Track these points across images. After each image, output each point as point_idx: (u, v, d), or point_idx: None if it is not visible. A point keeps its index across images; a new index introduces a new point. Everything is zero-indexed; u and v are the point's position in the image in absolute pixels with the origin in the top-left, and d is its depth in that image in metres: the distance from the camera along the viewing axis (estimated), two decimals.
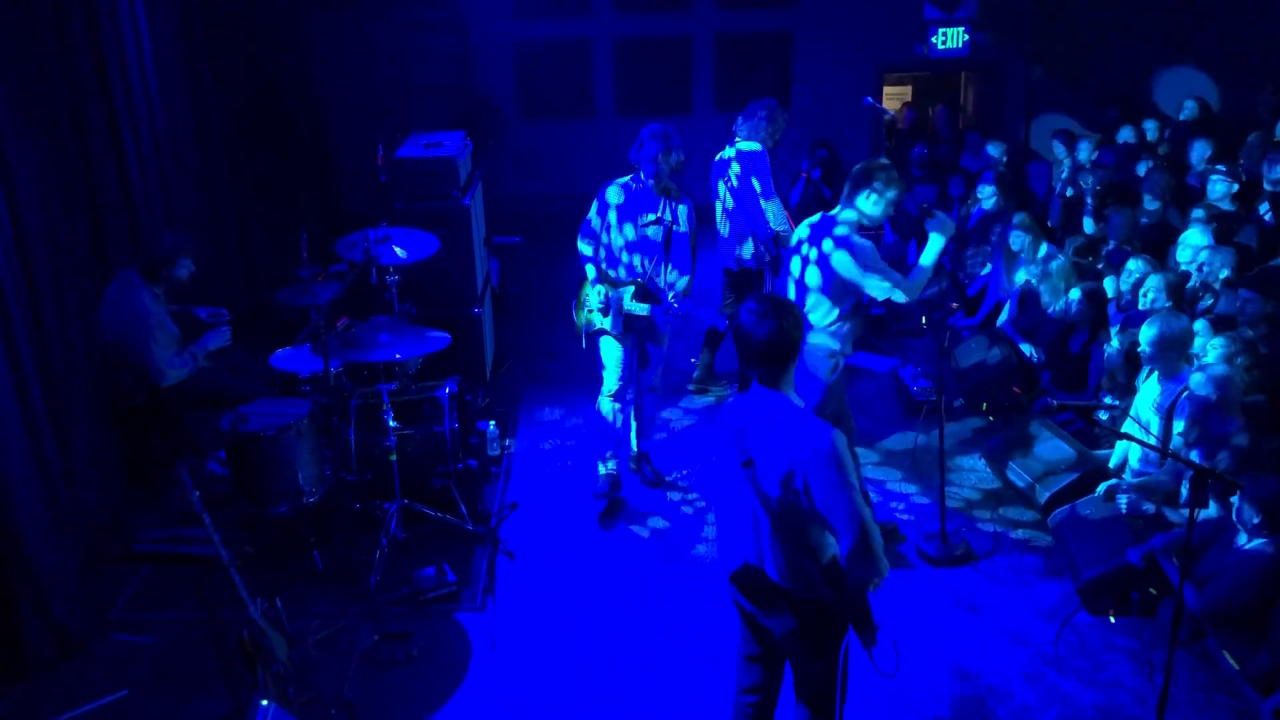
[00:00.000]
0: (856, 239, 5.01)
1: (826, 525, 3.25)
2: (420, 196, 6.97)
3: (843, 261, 4.99)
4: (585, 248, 5.72)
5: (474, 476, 6.06)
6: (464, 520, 5.65)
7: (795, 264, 5.25)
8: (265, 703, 3.73)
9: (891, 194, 5.05)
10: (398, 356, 5.36)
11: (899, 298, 5.05)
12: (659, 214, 5.57)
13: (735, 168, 6.80)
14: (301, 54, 10.14)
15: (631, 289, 5.59)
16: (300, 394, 5.86)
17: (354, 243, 5.78)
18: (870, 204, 5.04)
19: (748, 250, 6.90)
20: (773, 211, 6.77)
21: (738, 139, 6.84)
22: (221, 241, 7.85)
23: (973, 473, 6.31)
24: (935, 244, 5.18)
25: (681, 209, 5.62)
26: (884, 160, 5.14)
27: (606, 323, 5.66)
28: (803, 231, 5.23)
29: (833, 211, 5.17)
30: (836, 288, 5.07)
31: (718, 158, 6.94)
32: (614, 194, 5.64)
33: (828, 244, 5.05)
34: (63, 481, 5.09)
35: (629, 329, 5.70)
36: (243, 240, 8.27)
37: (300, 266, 5.51)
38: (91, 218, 5.93)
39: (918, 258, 5.33)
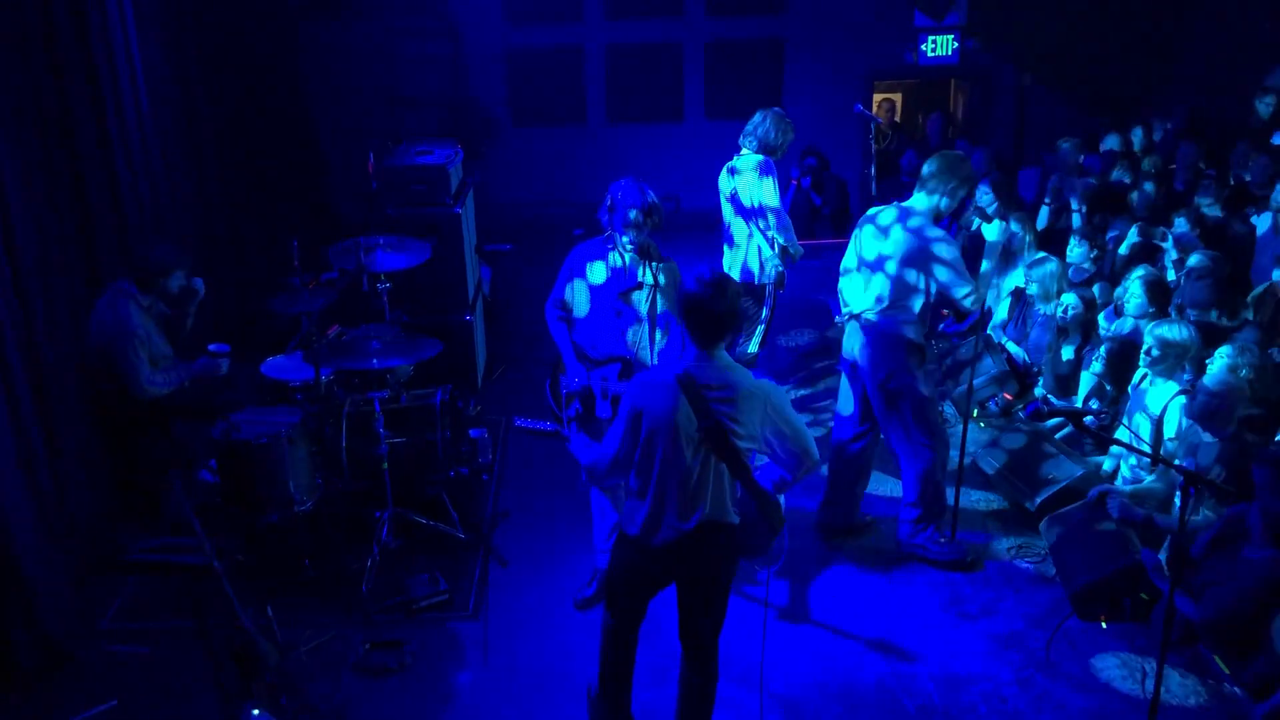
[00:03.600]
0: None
1: (790, 450, 3.68)
2: (412, 204, 6.97)
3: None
4: (558, 327, 5.10)
5: (466, 484, 6.05)
6: (456, 528, 5.65)
7: (869, 245, 5.15)
8: (257, 712, 3.73)
9: (963, 193, 5.08)
10: (389, 364, 5.36)
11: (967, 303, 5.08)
12: (640, 279, 4.99)
13: (741, 178, 6.62)
14: (293, 61, 10.14)
15: (619, 367, 5.07)
16: (292, 402, 5.85)
17: (345, 250, 5.76)
18: (946, 200, 5.05)
19: (754, 263, 6.74)
20: (778, 223, 6.64)
21: (744, 149, 6.69)
22: (212, 249, 7.83)
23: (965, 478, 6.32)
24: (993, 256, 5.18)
25: (666, 269, 5.03)
26: (964, 157, 5.13)
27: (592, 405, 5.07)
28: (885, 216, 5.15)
29: (910, 202, 5.14)
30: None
31: (726, 168, 6.81)
32: (587, 262, 5.04)
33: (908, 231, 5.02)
34: (53, 491, 5.07)
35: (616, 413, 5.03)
36: (234, 247, 8.25)
37: (291, 274, 5.51)
38: (82, 226, 5.91)
39: None
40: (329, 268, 6.37)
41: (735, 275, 6.80)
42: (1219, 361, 5.40)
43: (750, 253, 6.72)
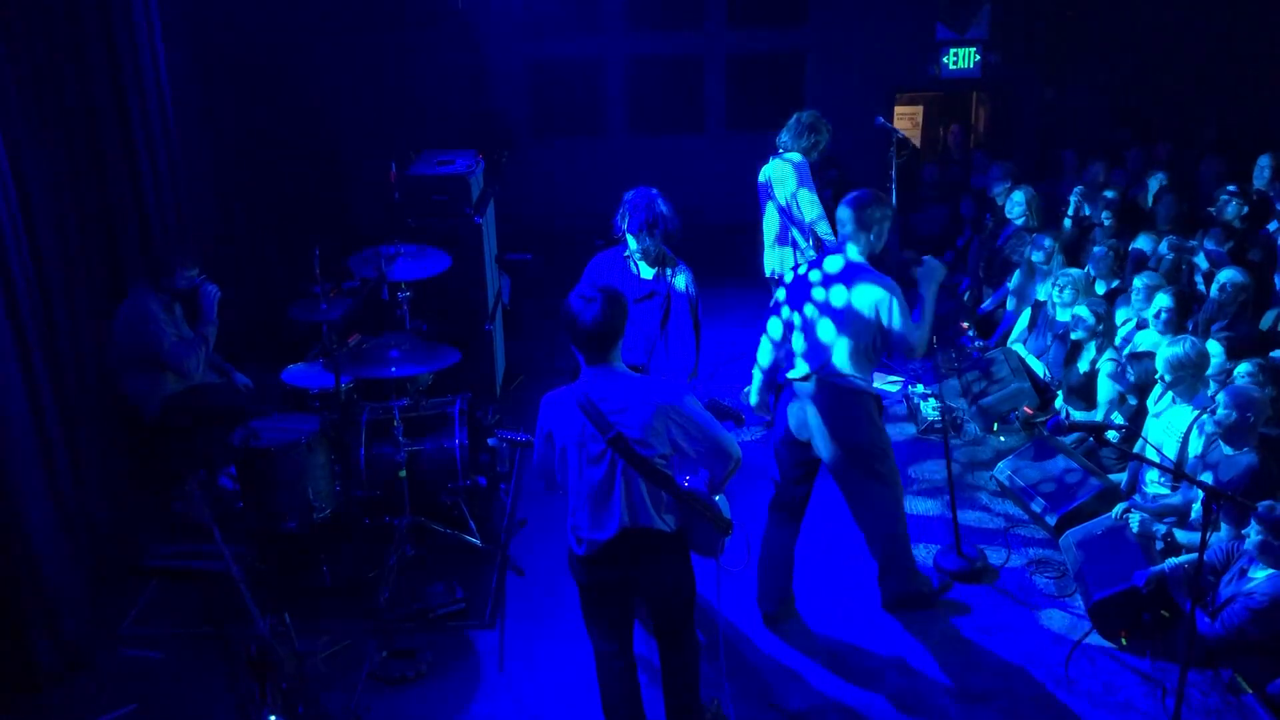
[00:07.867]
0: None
1: (708, 455, 3.66)
2: (432, 214, 6.99)
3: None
4: None
5: (483, 493, 6.06)
6: (473, 537, 5.65)
7: (810, 309, 4.71)
8: (273, 718, 3.74)
9: (888, 224, 4.70)
10: (409, 373, 5.38)
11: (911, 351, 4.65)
12: (653, 287, 5.06)
13: (777, 182, 6.69)
14: (314, 71, 10.19)
15: None
16: (311, 410, 5.87)
17: (366, 259, 5.81)
18: (876, 241, 4.66)
19: (789, 262, 6.78)
20: (812, 210, 6.61)
21: (781, 151, 6.74)
22: (234, 257, 7.88)
23: (984, 493, 6.28)
24: (929, 293, 4.72)
25: (679, 277, 5.07)
26: (877, 193, 4.72)
27: None
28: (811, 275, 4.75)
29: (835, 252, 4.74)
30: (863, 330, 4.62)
31: (763, 170, 6.84)
32: (604, 271, 5.07)
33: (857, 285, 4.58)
34: (73, 496, 5.11)
35: None
36: (255, 256, 8.31)
37: (312, 282, 5.54)
38: (106, 234, 5.97)
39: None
40: (350, 276, 6.40)
41: (776, 271, 6.84)
42: (1239, 380, 5.36)
43: (785, 249, 6.80)
